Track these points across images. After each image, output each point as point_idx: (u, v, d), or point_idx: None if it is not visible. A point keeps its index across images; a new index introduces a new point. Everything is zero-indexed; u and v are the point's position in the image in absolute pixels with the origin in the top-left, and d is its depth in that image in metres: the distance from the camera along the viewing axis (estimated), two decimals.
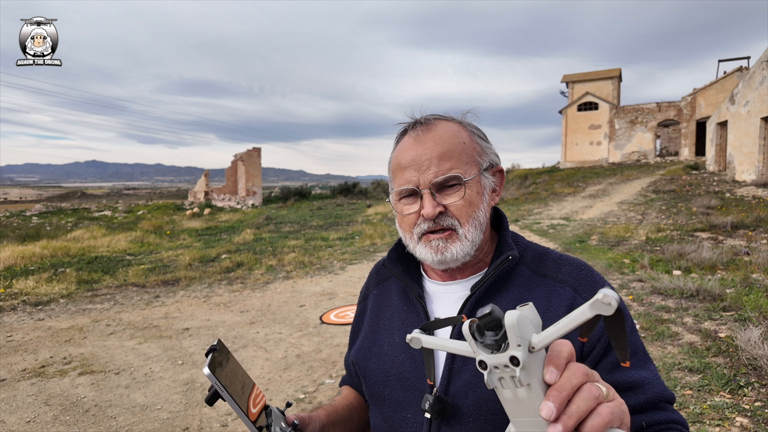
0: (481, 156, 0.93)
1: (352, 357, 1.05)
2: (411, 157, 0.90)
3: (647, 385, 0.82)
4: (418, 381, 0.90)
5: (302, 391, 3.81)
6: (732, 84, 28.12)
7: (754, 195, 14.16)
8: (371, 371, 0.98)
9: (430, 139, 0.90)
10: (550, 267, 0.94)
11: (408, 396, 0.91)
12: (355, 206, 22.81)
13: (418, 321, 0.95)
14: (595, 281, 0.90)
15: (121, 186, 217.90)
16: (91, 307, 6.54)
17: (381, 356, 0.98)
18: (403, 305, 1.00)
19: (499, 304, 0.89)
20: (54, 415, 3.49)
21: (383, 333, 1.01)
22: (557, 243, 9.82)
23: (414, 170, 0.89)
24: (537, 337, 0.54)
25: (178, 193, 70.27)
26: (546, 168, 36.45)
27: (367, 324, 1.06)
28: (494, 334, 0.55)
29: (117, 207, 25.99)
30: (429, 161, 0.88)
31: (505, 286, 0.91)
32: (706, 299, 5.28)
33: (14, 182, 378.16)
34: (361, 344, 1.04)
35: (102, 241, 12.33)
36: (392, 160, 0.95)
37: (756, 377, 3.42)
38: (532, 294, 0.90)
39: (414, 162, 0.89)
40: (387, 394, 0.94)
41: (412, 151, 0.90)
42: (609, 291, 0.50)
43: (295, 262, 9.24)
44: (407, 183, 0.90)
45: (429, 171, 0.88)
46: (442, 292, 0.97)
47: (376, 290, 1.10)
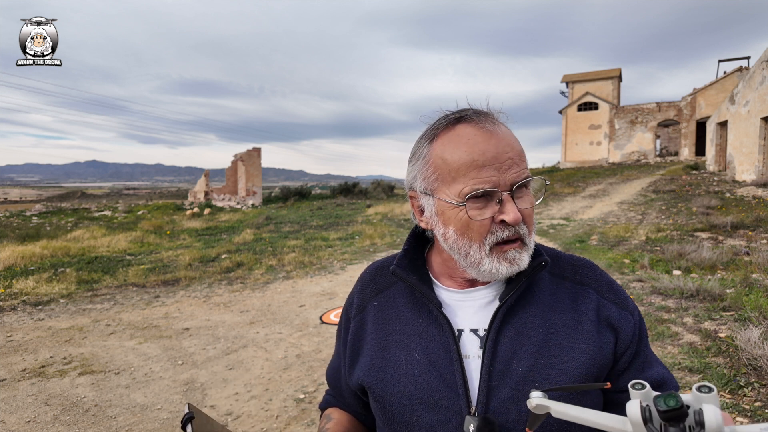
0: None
1: (362, 381, 0.91)
2: (492, 153, 0.77)
3: (669, 380, 0.87)
4: (450, 401, 0.81)
5: (302, 391, 3.81)
6: (732, 84, 28.12)
7: (754, 195, 14.16)
8: (392, 395, 0.86)
9: (506, 134, 0.80)
10: (567, 269, 0.91)
11: (441, 419, 0.81)
12: (355, 206, 22.81)
13: (440, 334, 0.85)
14: (610, 282, 0.91)
15: (121, 186, 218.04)
16: (91, 307, 6.54)
17: (401, 377, 0.86)
18: (417, 317, 0.89)
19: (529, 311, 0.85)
20: (54, 415, 3.49)
21: (397, 350, 0.88)
22: (557, 243, 9.82)
23: (494, 168, 0.77)
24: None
25: (178, 193, 70.29)
26: (546, 168, 36.46)
27: (372, 340, 0.92)
28: (678, 429, 0.49)
29: (117, 207, 25.99)
30: (511, 160, 0.78)
31: (530, 292, 0.86)
32: (706, 299, 5.28)
33: (14, 182, 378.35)
34: (371, 365, 0.90)
35: (102, 241, 12.32)
36: (450, 154, 0.79)
37: (756, 377, 3.42)
38: (556, 298, 0.86)
39: (495, 160, 0.77)
40: (415, 420, 0.83)
41: (491, 146, 0.77)
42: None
43: (295, 262, 9.24)
44: (486, 183, 0.76)
45: (511, 171, 0.77)
46: (460, 301, 0.88)
47: (376, 300, 0.96)
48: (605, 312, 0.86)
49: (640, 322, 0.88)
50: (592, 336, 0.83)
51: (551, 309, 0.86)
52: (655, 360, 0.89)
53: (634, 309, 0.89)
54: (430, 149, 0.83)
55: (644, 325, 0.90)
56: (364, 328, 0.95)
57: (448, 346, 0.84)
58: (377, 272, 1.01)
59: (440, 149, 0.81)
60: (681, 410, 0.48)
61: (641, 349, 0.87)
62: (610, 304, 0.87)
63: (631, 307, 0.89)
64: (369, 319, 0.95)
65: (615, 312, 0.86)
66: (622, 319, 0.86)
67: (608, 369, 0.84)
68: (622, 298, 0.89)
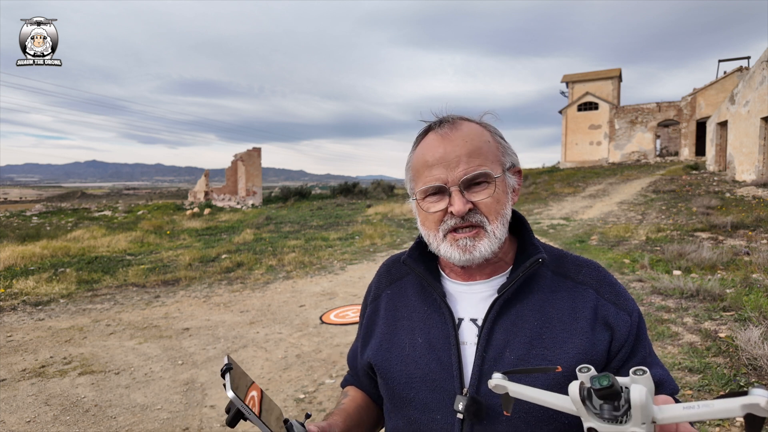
0: (503, 156, 0.93)
1: (370, 359, 1.02)
2: (439, 154, 0.89)
3: (667, 382, 0.88)
4: (445, 382, 0.89)
5: (302, 391, 3.81)
6: (732, 84, 28.12)
7: (754, 195, 14.16)
8: (394, 373, 0.96)
9: (457, 137, 0.89)
10: (570, 268, 0.95)
11: (436, 397, 0.90)
12: (355, 206, 22.81)
13: (441, 321, 0.94)
14: (613, 283, 0.94)
15: (121, 186, 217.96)
16: (91, 307, 6.54)
17: (404, 357, 0.96)
18: (423, 305, 0.99)
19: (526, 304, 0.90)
20: (54, 415, 3.49)
21: (403, 334, 0.99)
22: (557, 243, 9.82)
23: (442, 167, 0.88)
24: (662, 413, 0.52)
25: (178, 193, 70.28)
26: (546, 168, 36.46)
27: (383, 324, 1.03)
28: (612, 407, 0.54)
29: (117, 207, 25.99)
30: (458, 158, 0.87)
31: (529, 288, 0.92)
32: (706, 299, 5.28)
33: (14, 182, 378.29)
34: (380, 346, 1.01)
35: (102, 241, 12.32)
36: (415, 159, 0.94)
37: (756, 377, 3.42)
38: (556, 296, 0.91)
39: (442, 159, 0.88)
40: (413, 396, 0.93)
41: (440, 148, 0.89)
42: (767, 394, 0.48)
43: (295, 262, 9.24)
44: (435, 180, 0.88)
45: (458, 168, 0.87)
46: (463, 293, 0.96)
47: (389, 290, 1.07)
48: (603, 311, 0.89)
49: (638, 324, 0.90)
50: (586, 333, 0.87)
51: (549, 304, 0.91)
52: (655, 362, 0.90)
53: (633, 311, 0.91)
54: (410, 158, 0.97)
55: (644, 327, 0.92)
56: (378, 314, 1.07)
57: (447, 333, 0.92)
58: (393, 264, 1.12)
59: (412, 157, 0.96)
60: (612, 389, 0.52)
61: (638, 350, 0.89)
62: (609, 304, 0.90)
63: (630, 308, 0.91)
64: (382, 306, 1.06)
65: (613, 312, 0.89)
66: (619, 319, 0.89)
67: (602, 367, 0.87)
68: (622, 300, 0.92)
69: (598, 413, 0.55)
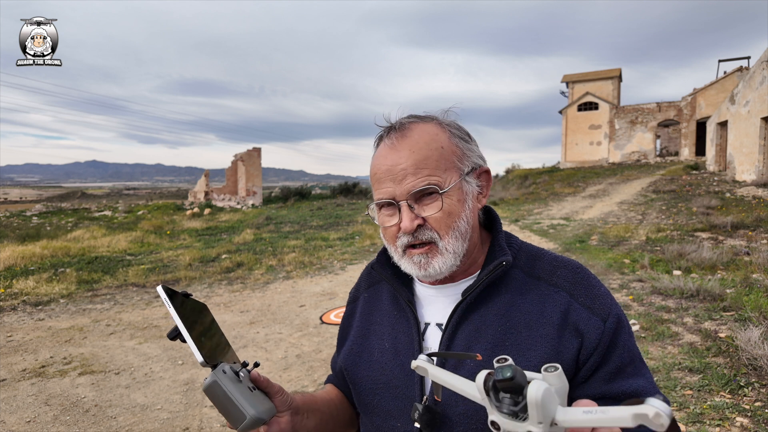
0: (461, 160, 0.87)
1: (341, 363, 1.01)
2: (386, 167, 0.85)
3: (644, 394, 0.80)
4: (407, 389, 0.88)
5: (302, 391, 3.81)
6: (732, 84, 28.11)
7: (754, 195, 14.16)
8: (360, 378, 0.95)
9: (405, 147, 0.84)
10: (545, 269, 0.90)
11: (398, 404, 0.88)
12: (355, 206, 22.81)
13: (407, 326, 0.92)
14: (591, 285, 0.87)
15: (121, 186, 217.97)
16: (91, 307, 6.54)
17: (371, 363, 0.94)
18: (394, 310, 0.97)
19: (491, 308, 0.86)
20: (54, 415, 3.49)
21: (374, 338, 0.97)
22: (557, 243, 9.82)
23: (390, 181, 0.84)
24: (562, 415, 0.50)
25: (178, 193, 70.29)
26: (546, 168, 36.45)
27: (357, 328, 1.02)
28: (512, 402, 0.52)
29: (117, 207, 25.99)
30: (404, 171, 0.83)
31: (497, 290, 0.88)
32: (706, 299, 5.28)
33: (14, 182, 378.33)
34: (350, 349, 0.99)
35: (102, 241, 12.32)
36: (371, 169, 0.90)
37: (756, 377, 3.42)
38: (525, 298, 0.86)
39: (389, 172, 0.84)
40: (377, 403, 0.91)
41: (387, 160, 0.85)
42: (661, 406, 0.44)
43: (295, 262, 9.24)
44: (384, 195, 0.85)
45: (405, 182, 0.83)
46: (432, 296, 0.94)
47: (367, 293, 1.06)
48: (574, 316, 0.83)
49: (615, 329, 0.82)
50: (551, 339, 0.81)
51: (515, 308, 0.86)
52: (637, 372, 0.82)
53: (608, 316, 0.83)
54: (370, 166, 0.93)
55: (624, 333, 0.84)
56: (353, 317, 1.05)
57: (411, 338, 0.91)
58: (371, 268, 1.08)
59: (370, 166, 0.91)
60: (513, 381, 0.51)
61: (611, 357, 0.81)
62: (582, 308, 0.84)
63: (606, 313, 0.83)
64: (358, 309, 1.05)
65: (584, 317, 0.83)
66: (590, 324, 0.82)
67: (571, 375, 0.81)
68: (597, 303, 0.84)
69: (498, 406, 0.53)
